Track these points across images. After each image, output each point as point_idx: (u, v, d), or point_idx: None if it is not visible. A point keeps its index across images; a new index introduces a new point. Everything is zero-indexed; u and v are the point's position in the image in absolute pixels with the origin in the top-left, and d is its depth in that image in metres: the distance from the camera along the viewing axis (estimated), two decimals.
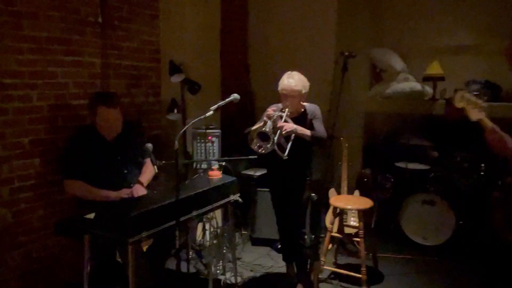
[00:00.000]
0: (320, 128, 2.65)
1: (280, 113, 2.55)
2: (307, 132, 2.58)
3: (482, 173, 3.60)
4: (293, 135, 2.55)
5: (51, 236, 2.73)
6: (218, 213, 3.30)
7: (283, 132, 2.48)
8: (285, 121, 2.54)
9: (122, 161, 2.57)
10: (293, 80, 2.57)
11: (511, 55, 1.79)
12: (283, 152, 2.51)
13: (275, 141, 2.40)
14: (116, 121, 2.50)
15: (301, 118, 2.69)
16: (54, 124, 2.71)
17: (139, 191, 2.53)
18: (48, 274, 2.75)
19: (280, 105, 2.67)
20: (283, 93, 2.60)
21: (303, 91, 2.60)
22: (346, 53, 1.75)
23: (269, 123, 2.42)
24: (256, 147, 2.42)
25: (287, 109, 2.56)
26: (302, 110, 2.71)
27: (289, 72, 2.64)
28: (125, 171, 2.58)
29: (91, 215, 2.16)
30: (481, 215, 3.62)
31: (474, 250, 3.46)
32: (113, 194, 2.41)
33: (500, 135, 1.61)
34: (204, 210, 2.42)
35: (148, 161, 2.71)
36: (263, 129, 2.35)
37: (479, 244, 3.48)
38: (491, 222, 3.39)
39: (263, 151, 2.42)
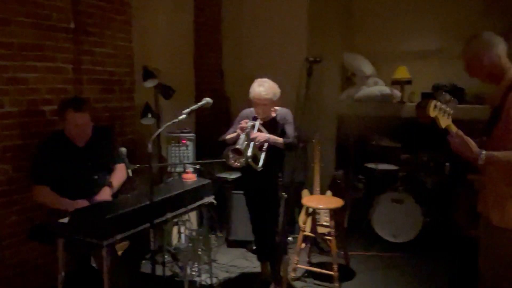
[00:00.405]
0: (291, 133, 2.75)
1: (252, 123, 2.64)
2: (280, 140, 2.69)
3: (447, 172, 3.81)
4: (266, 144, 2.65)
5: (25, 242, 2.72)
6: (194, 216, 3.36)
7: (257, 143, 2.58)
8: (259, 130, 2.64)
9: (92, 167, 2.58)
10: (263, 88, 2.65)
11: (465, 58, 1.96)
12: (257, 163, 2.61)
13: (249, 156, 2.50)
14: (85, 126, 2.50)
15: (272, 122, 2.80)
16: (26, 130, 2.73)
17: (103, 195, 2.55)
18: (22, 281, 2.75)
19: (252, 109, 2.78)
20: (254, 101, 2.71)
21: (274, 99, 2.69)
22: (311, 59, 1.87)
23: (243, 136, 2.51)
24: (232, 161, 2.51)
25: (258, 119, 2.66)
26: (274, 114, 2.82)
27: (260, 79, 2.72)
28: (95, 177, 2.58)
29: (65, 219, 2.20)
30: (447, 212, 3.83)
31: (441, 245, 3.64)
32: (70, 206, 2.38)
33: (464, 139, 1.77)
34: (178, 212, 2.48)
35: (120, 165, 2.75)
36: (237, 146, 2.43)
37: (445, 240, 3.67)
38: (455, 218, 3.61)
39: (238, 165, 2.51)
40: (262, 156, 2.63)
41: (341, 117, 5.07)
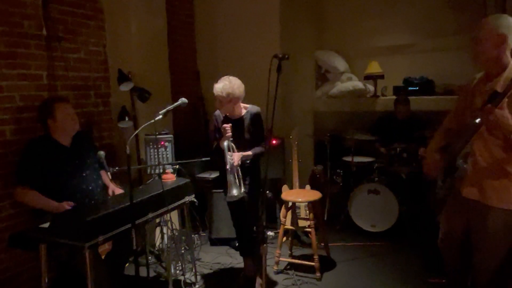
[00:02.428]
0: (260, 137, 2.87)
1: (227, 143, 2.74)
2: (250, 154, 2.83)
3: (420, 162, 3.97)
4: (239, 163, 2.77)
5: (5, 250, 2.75)
6: (175, 217, 3.43)
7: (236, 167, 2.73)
8: (231, 148, 2.76)
9: (80, 165, 2.71)
10: (219, 85, 2.76)
11: (486, 33, 2.00)
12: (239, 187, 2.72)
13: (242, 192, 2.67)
14: (75, 116, 2.69)
15: (240, 121, 2.89)
16: (2, 138, 2.75)
17: (116, 190, 2.78)
18: None
19: (219, 111, 2.92)
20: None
21: (231, 96, 2.76)
22: (280, 55, 1.97)
23: (231, 179, 2.65)
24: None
25: (228, 139, 2.76)
26: (243, 112, 2.91)
27: (225, 77, 2.82)
28: (84, 174, 2.71)
29: (46, 224, 2.24)
30: (421, 200, 4.01)
31: (417, 232, 3.82)
32: (56, 207, 2.49)
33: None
34: (159, 212, 2.55)
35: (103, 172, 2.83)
36: (234, 193, 2.61)
37: (421, 226, 3.84)
38: (428, 205, 3.79)
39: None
40: (238, 182, 2.73)
41: (317, 113, 5.22)
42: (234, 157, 2.73)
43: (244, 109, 2.94)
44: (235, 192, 2.60)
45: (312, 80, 5.23)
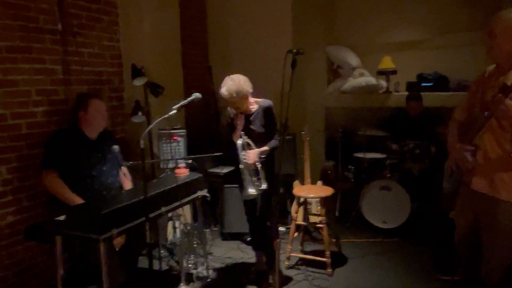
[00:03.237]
0: (272, 131, 2.83)
1: (242, 141, 2.71)
2: (266, 149, 2.79)
3: (432, 158, 3.93)
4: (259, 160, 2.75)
5: (21, 242, 2.78)
6: (188, 211, 3.44)
7: (252, 165, 2.70)
8: (245, 146, 2.73)
9: (101, 159, 2.78)
10: (225, 88, 2.69)
11: (487, 43, 1.99)
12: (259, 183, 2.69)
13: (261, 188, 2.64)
14: (105, 114, 2.82)
15: (252, 115, 2.85)
16: (18, 132, 2.77)
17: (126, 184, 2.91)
18: (20, 281, 2.80)
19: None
20: None
21: (241, 93, 2.70)
22: (294, 51, 1.95)
23: (247, 177, 2.63)
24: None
25: (242, 138, 2.73)
26: (254, 107, 2.87)
27: (228, 77, 2.75)
28: (104, 168, 2.78)
29: (62, 217, 2.26)
30: (432, 196, 3.96)
31: (428, 229, 3.77)
32: (79, 201, 2.56)
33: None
34: (172, 206, 2.56)
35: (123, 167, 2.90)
36: (250, 192, 2.59)
37: (432, 223, 3.80)
38: (440, 203, 3.74)
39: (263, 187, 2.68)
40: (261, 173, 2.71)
41: (329, 109, 5.18)
42: (250, 155, 2.69)
43: (256, 103, 2.90)
44: (252, 190, 2.57)
45: (324, 76, 5.19)
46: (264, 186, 2.69)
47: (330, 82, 5.28)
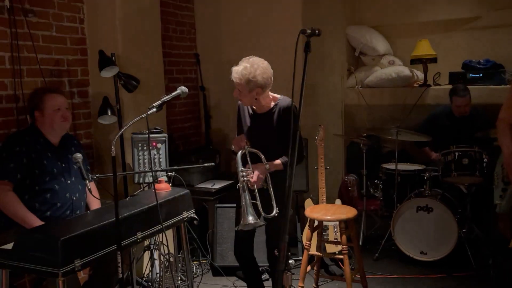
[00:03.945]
0: (286, 139, 2.77)
1: (242, 153, 2.72)
2: (279, 164, 2.78)
3: (485, 171, 3.94)
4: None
5: None
6: (169, 238, 3.44)
7: (256, 186, 2.68)
8: (246, 155, 2.73)
9: (66, 170, 2.83)
10: (238, 69, 2.67)
11: None
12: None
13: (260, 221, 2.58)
14: (68, 111, 2.86)
15: (267, 116, 2.84)
16: None
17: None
18: None
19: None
20: None
21: (252, 85, 2.66)
22: (308, 30, 1.98)
23: (246, 200, 2.58)
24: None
25: (245, 148, 2.74)
26: (272, 104, 2.86)
27: (248, 57, 2.74)
28: (69, 181, 2.83)
29: (9, 245, 2.27)
30: (487, 221, 3.96)
31: (482, 262, 3.76)
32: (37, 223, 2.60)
33: None
34: (151, 231, 2.59)
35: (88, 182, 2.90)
36: (250, 221, 2.51)
37: (488, 254, 3.79)
38: (498, 228, 3.74)
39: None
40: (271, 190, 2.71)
41: (349, 108, 5.20)
42: (256, 172, 2.69)
43: (274, 101, 2.87)
44: (251, 219, 2.51)
45: (343, 65, 5.22)
46: (274, 211, 2.66)
47: (351, 73, 5.31)
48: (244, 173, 2.64)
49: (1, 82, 3.04)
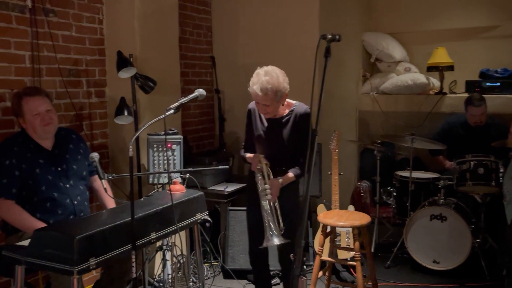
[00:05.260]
0: (301, 148, 2.74)
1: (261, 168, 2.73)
2: (292, 177, 2.79)
3: (501, 181, 3.90)
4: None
5: None
6: (181, 239, 3.45)
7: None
8: (264, 175, 2.74)
9: (63, 174, 2.74)
10: (257, 86, 2.61)
11: None
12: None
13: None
14: (49, 113, 2.66)
15: (280, 122, 2.83)
16: None
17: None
18: None
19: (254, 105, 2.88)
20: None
21: (279, 94, 2.65)
22: (329, 36, 1.98)
23: (268, 218, 2.61)
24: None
25: (264, 163, 2.76)
26: (286, 111, 2.84)
27: (261, 69, 2.68)
28: (67, 185, 2.75)
29: (25, 242, 2.29)
30: (502, 230, 3.91)
31: (496, 273, 3.71)
32: None
33: None
34: (165, 231, 2.59)
35: (95, 177, 2.89)
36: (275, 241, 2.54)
37: (502, 265, 3.74)
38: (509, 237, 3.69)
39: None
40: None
41: (364, 114, 5.19)
42: (272, 189, 2.68)
43: (288, 106, 2.85)
44: (276, 241, 2.51)
45: (358, 71, 5.22)
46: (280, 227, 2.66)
47: (366, 79, 5.30)
48: (266, 192, 2.65)
49: (21, 81, 3.07)
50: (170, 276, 3.29)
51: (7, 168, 2.57)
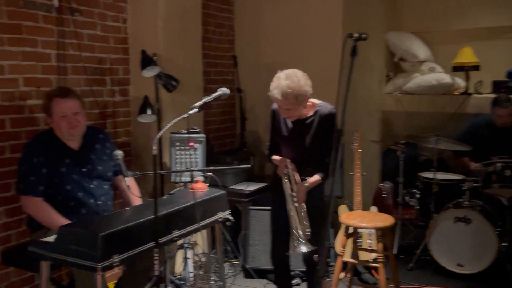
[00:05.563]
0: (325, 149, 2.69)
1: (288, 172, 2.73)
2: (318, 180, 2.78)
3: None
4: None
5: None
6: (203, 237, 3.46)
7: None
8: (291, 180, 2.74)
9: (88, 174, 2.77)
10: (277, 90, 2.59)
11: None
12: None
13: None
14: (77, 115, 2.68)
15: (304, 123, 2.80)
16: (1, 129, 2.88)
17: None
18: None
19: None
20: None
21: (301, 98, 2.62)
22: (356, 35, 1.96)
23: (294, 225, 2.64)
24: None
25: (289, 168, 2.76)
26: (311, 112, 2.82)
27: (282, 73, 2.66)
28: (92, 186, 2.77)
29: (50, 238, 2.32)
30: None
31: None
32: None
33: None
34: (188, 229, 2.59)
35: (122, 177, 2.90)
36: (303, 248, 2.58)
37: None
38: None
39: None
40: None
41: (387, 114, 5.14)
42: (299, 194, 2.68)
43: (313, 107, 2.82)
44: (303, 248, 2.53)
45: (381, 71, 5.17)
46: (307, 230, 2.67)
47: (389, 78, 5.25)
48: (295, 198, 2.66)
49: (47, 79, 3.11)
50: (191, 274, 3.29)
51: (35, 166, 2.61)
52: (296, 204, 2.64)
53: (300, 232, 2.56)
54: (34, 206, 2.61)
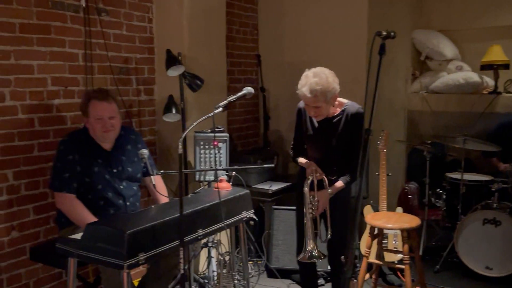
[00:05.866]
0: (352, 150, 2.68)
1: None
2: (341, 186, 2.76)
3: None
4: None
5: (26, 264, 2.92)
6: (224, 237, 3.46)
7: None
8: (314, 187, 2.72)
9: (119, 175, 2.80)
10: (306, 88, 2.58)
11: None
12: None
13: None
14: (112, 119, 2.71)
15: (330, 122, 2.77)
16: (30, 128, 2.94)
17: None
18: None
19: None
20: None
21: (330, 95, 2.60)
22: (384, 33, 1.93)
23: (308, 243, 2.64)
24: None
25: (311, 177, 2.73)
26: (337, 110, 2.79)
27: (310, 71, 2.65)
28: (121, 186, 2.81)
29: (78, 235, 2.35)
30: None
31: None
32: None
33: None
34: (212, 228, 2.59)
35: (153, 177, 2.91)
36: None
37: None
38: None
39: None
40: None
41: (412, 113, 5.07)
42: (321, 203, 2.67)
43: (340, 106, 2.79)
44: (313, 259, 2.58)
45: (407, 69, 5.10)
46: (328, 235, 2.68)
47: (416, 77, 5.18)
48: (312, 206, 2.65)
49: (74, 78, 3.16)
50: (215, 273, 3.30)
51: (70, 163, 2.66)
52: (312, 214, 2.63)
53: (312, 242, 2.58)
54: (67, 202, 2.66)
